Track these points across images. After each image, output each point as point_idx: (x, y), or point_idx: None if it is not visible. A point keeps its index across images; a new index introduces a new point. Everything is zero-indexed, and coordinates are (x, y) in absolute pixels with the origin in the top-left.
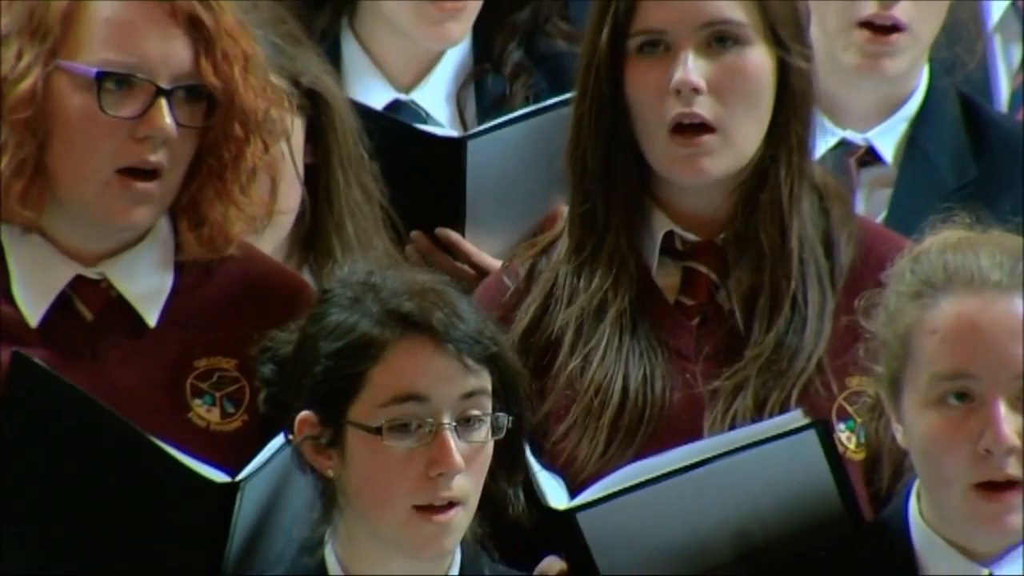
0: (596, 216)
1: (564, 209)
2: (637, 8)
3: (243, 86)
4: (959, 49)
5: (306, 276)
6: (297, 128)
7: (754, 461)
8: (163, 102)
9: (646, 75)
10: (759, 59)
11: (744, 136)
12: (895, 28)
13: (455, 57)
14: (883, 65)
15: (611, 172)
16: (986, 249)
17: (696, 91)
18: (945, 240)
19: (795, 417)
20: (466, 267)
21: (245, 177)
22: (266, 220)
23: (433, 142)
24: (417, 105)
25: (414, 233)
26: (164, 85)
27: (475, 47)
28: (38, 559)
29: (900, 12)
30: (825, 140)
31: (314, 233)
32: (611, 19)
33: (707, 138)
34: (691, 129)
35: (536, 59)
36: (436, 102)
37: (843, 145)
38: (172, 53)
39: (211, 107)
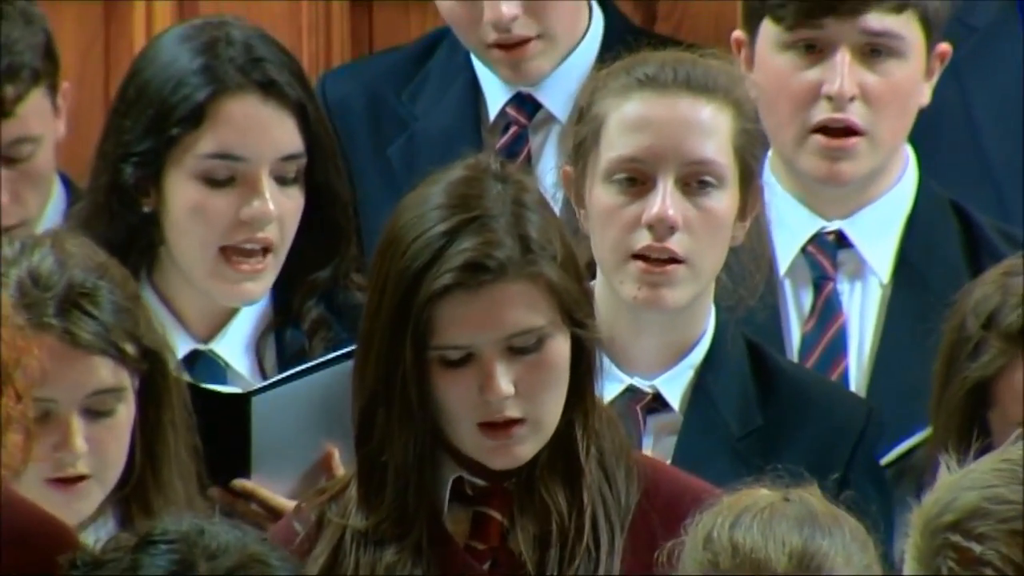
0: (394, 493)
1: (336, 454)
2: (435, 326)
3: None
4: (741, 290)
5: (110, 523)
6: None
7: None
8: None
9: (452, 383)
10: (559, 348)
11: (551, 419)
12: (672, 260)
13: (254, 308)
14: (662, 295)
15: (417, 462)
16: (775, 533)
17: (504, 398)
18: (739, 514)
19: None
20: (262, 512)
21: None
22: (22, 468)
23: (218, 398)
24: (216, 355)
25: (211, 491)
26: None
27: (275, 298)
28: None
29: (675, 245)
30: (613, 386)
31: (135, 491)
32: (411, 334)
33: (516, 429)
34: (501, 424)
35: (335, 311)
36: (235, 352)
37: (630, 391)
38: None
39: None
